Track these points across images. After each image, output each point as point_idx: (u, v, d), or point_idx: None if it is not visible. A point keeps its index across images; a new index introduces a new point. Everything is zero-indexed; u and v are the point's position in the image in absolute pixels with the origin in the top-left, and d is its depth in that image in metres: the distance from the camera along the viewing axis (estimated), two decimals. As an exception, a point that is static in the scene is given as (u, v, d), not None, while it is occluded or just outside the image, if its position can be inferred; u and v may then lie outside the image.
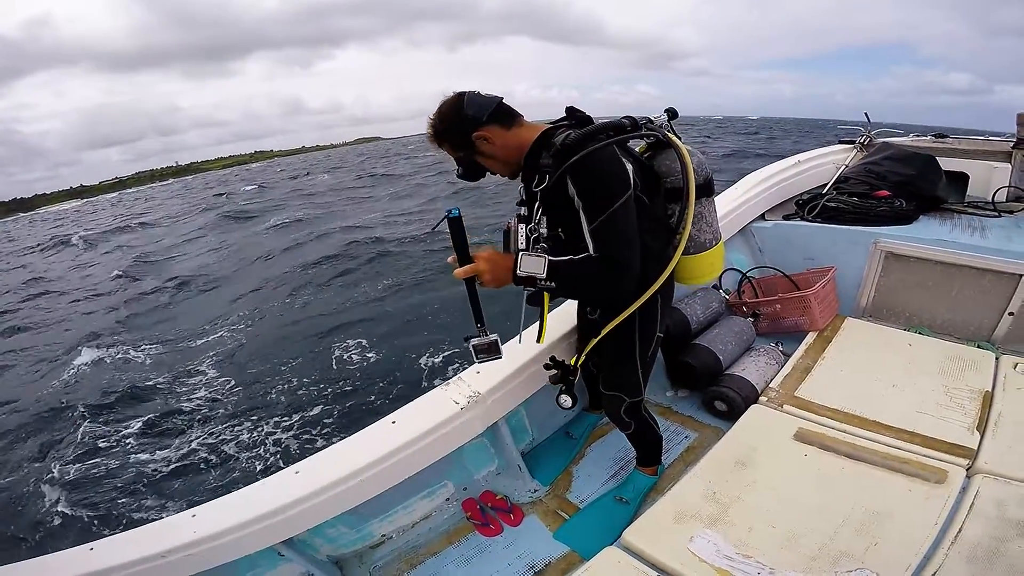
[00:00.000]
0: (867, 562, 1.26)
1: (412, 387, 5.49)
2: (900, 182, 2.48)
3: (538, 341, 1.60)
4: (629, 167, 1.27)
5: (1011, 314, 2.11)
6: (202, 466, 4.81)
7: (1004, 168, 2.60)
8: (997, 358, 1.90)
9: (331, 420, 5.21)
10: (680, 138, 1.41)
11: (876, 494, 1.45)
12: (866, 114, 3.34)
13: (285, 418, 5.33)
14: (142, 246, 19.06)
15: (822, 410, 1.79)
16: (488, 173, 1.44)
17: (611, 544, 1.48)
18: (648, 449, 1.77)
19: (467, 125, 1.30)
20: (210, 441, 5.14)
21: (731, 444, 1.71)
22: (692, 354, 2.14)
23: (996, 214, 2.42)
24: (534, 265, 1.26)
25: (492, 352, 1.41)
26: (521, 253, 1.28)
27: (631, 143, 1.41)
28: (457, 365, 5.73)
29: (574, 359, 1.62)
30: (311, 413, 5.38)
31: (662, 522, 1.48)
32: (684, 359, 2.14)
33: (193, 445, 5.12)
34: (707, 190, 1.48)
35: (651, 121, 1.45)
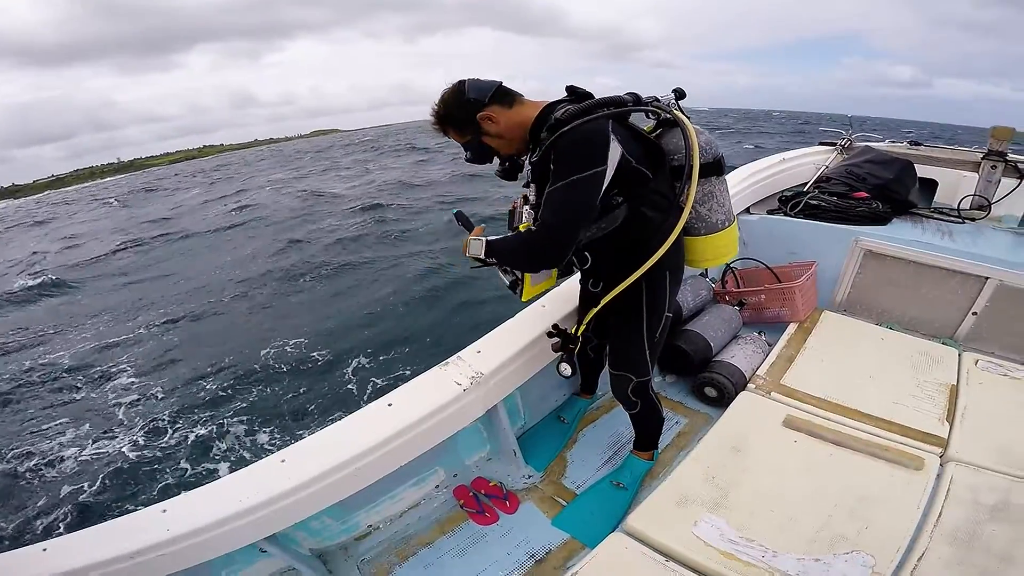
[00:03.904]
0: (860, 544, 1.33)
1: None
2: (878, 185, 2.59)
3: (522, 299, 1.61)
4: (616, 143, 1.27)
5: (974, 314, 2.26)
6: (145, 462, 4.53)
7: (971, 177, 2.76)
8: (960, 354, 2.04)
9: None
10: (689, 118, 1.42)
11: (862, 479, 1.53)
12: (849, 119, 3.50)
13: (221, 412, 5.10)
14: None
15: (807, 398, 1.87)
16: (496, 157, 1.48)
17: (613, 530, 1.50)
18: (649, 432, 1.79)
19: (470, 108, 1.35)
20: (141, 439, 4.85)
21: (725, 430, 1.76)
22: (685, 339, 2.18)
23: (961, 220, 2.58)
24: (476, 248, 1.42)
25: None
26: (468, 237, 1.46)
27: (638, 120, 1.43)
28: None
29: (575, 328, 1.62)
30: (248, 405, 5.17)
31: (664, 507, 1.50)
32: (676, 344, 2.16)
33: (127, 442, 4.82)
34: (716, 169, 1.49)
35: (658, 100, 1.46)
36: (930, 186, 3.02)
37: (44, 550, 1.26)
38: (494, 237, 1.44)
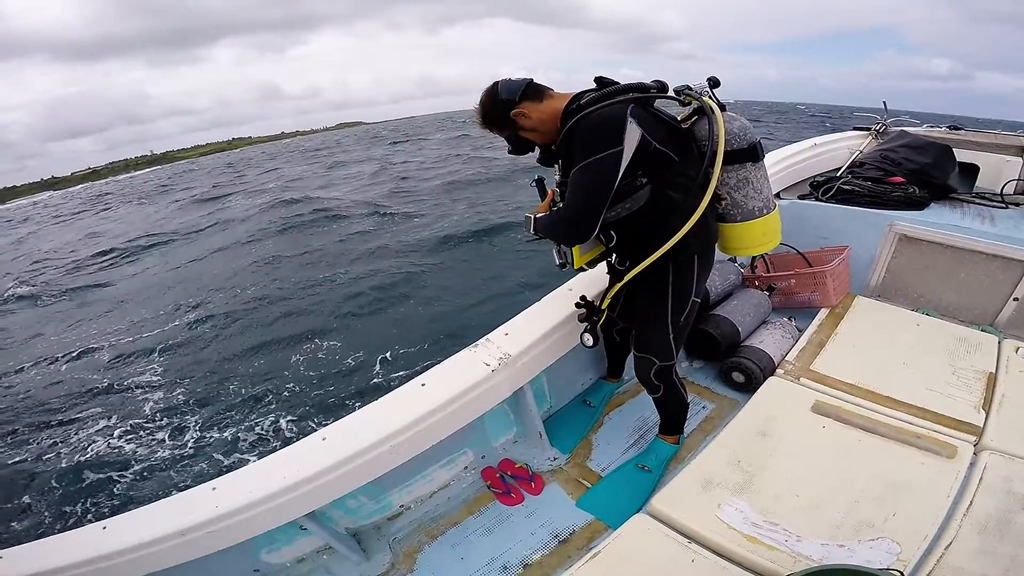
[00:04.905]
0: (887, 531, 1.32)
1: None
2: (914, 170, 2.52)
3: (573, 267, 1.69)
4: (635, 126, 1.31)
5: (1016, 299, 2.19)
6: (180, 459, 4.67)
7: (1016, 162, 2.65)
8: (1000, 342, 1.98)
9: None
10: (724, 107, 1.42)
11: (891, 466, 1.51)
12: (884, 103, 3.39)
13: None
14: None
15: (837, 384, 1.84)
16: (536, 147, 1.57)
17: (637, 512, 1.52)
18: (673, 416, 1.80)
19: (504, 107, 1.47)
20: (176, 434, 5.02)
21: (752, 414, 1.75)
22: (712, 324, 2.17)
23: (1004, 205, 2.48)
24: (527, 223, 1.59)
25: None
26: (526, 214, 1.59)
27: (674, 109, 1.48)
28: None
29: (602, 301, 1.68)
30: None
31: (689, 490, 1.51)
32: (704, 328, 2.16)
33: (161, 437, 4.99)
34: (751, 155, 1.47)
35: (690, 88, 1.47)
36: (971, 171, 2.90)
37: (104, 528, 1.35)
38: (542, 214, 1.57)
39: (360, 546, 1.72)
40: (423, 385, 1.64)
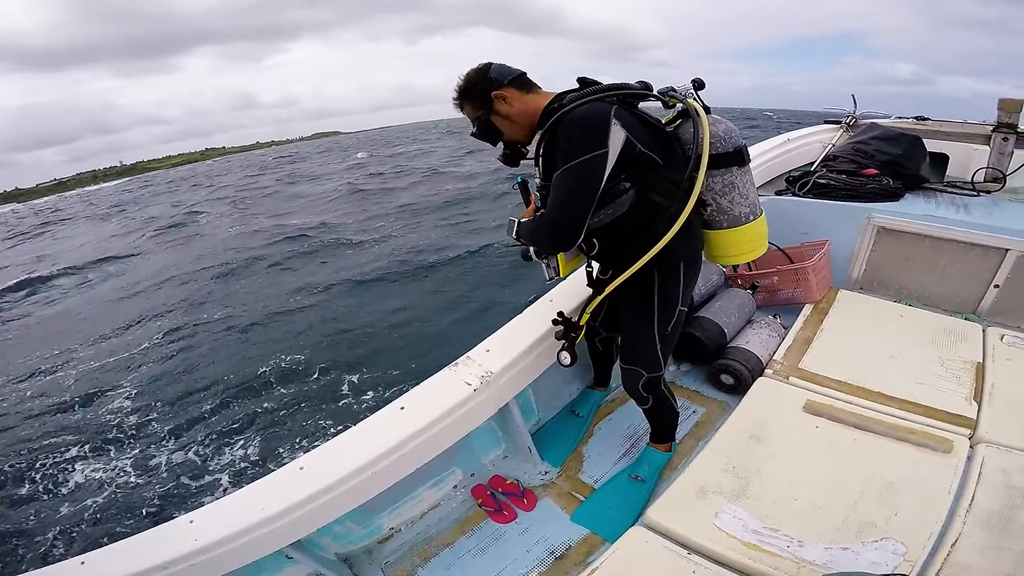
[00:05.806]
0: (890, 531, 1.29)
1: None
2: (887, 161, 2.54)
3: (560, 275, 1.62)
4: (619, 127, 1.25)
5: (996, 286, 2.20)
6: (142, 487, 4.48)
7: (983, 150, 2.69)
8: (984, 330, 1.98)
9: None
10: (709, 110, 1.38)
11: (888, 464, 1.48)
12: (852, 96, 3.43)
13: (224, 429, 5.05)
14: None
15: (827, 382, 1.82)
16: (500, 142, 1.50)
17: (632, 523, 1.47)
18: (663, 425, 1.75)
19: (489, 84, 1.40)
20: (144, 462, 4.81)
21: (743, 418, 1.72)
22: (697, 326, 2.13)
23: (975, 193, 2.52)
24: (508, 228, 1.51)
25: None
26: (510, 219, 1.52)
27: (652, 109, 1.43)
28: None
29: (580, 316, 1.60)
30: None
31: (685, 499, 1.47)
32: (689, 331, 2.12)
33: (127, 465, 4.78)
34: (737, 159, 1.42)
35: (674, 90, 1.42)
36: (941, 160, 2.95)
37: (82, 563, 1.30)
38: (527, 219, 1.50)
39: (352, 571, 1.65)
40: (402, 408, 1.57)
